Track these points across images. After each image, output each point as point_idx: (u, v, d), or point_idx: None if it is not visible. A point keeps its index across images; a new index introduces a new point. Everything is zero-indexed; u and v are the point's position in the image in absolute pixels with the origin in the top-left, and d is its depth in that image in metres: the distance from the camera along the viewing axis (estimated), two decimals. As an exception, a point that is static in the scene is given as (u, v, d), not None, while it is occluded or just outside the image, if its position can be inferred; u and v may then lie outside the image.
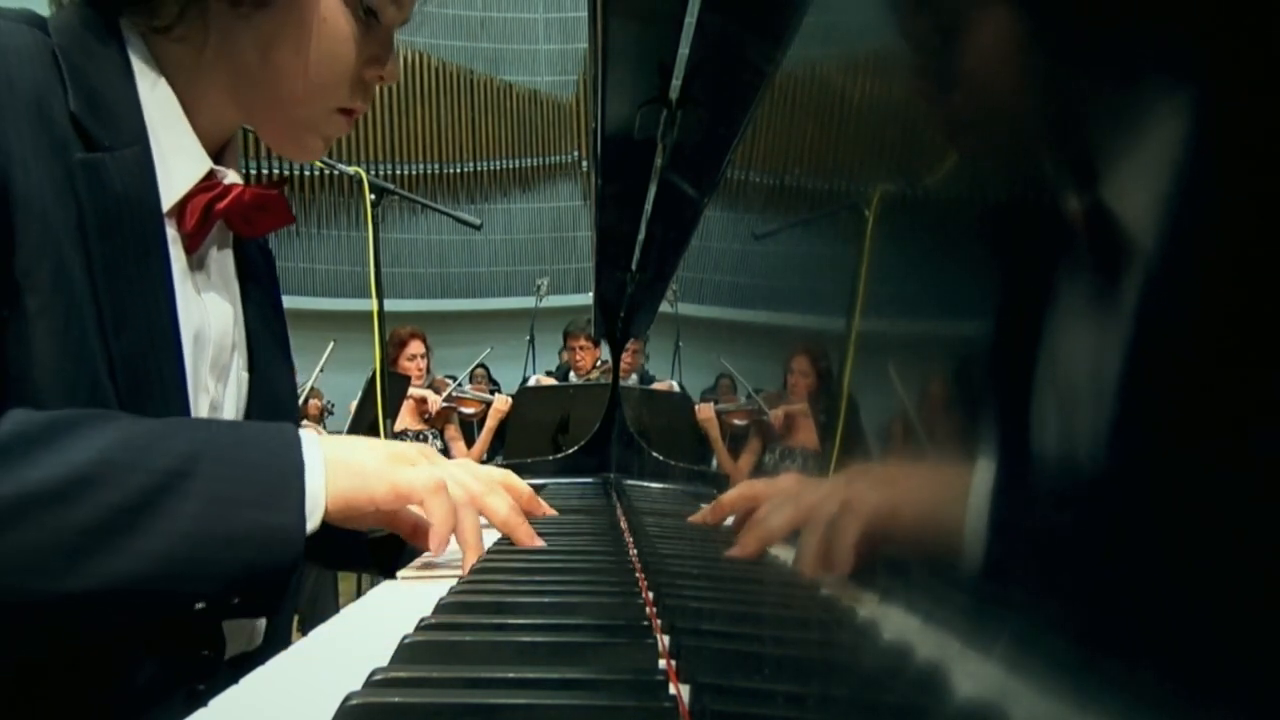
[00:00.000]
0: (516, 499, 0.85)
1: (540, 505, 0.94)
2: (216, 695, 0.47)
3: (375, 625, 0.63)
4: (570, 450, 2.03)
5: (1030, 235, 0.19)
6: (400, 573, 0.82)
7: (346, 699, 0.41)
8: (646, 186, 1.06)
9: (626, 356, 1.94)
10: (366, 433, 2.99)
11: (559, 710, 0.42)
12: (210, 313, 0.73)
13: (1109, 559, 0.15)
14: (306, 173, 8.70)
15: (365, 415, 3.01)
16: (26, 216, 0.58)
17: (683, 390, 1.03)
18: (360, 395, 3.17)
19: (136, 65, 0.68)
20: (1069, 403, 0.17)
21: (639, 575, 0.76)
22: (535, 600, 0.65)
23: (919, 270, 0.27)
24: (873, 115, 0.33)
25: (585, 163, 9.41)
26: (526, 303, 6.28)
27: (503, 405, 3.84)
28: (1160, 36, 0.15)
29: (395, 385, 2.96)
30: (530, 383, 4.30)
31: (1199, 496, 0.13)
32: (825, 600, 0.31)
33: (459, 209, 5.66)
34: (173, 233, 0.69)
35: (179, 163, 0.69)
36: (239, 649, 0.75)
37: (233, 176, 0.74)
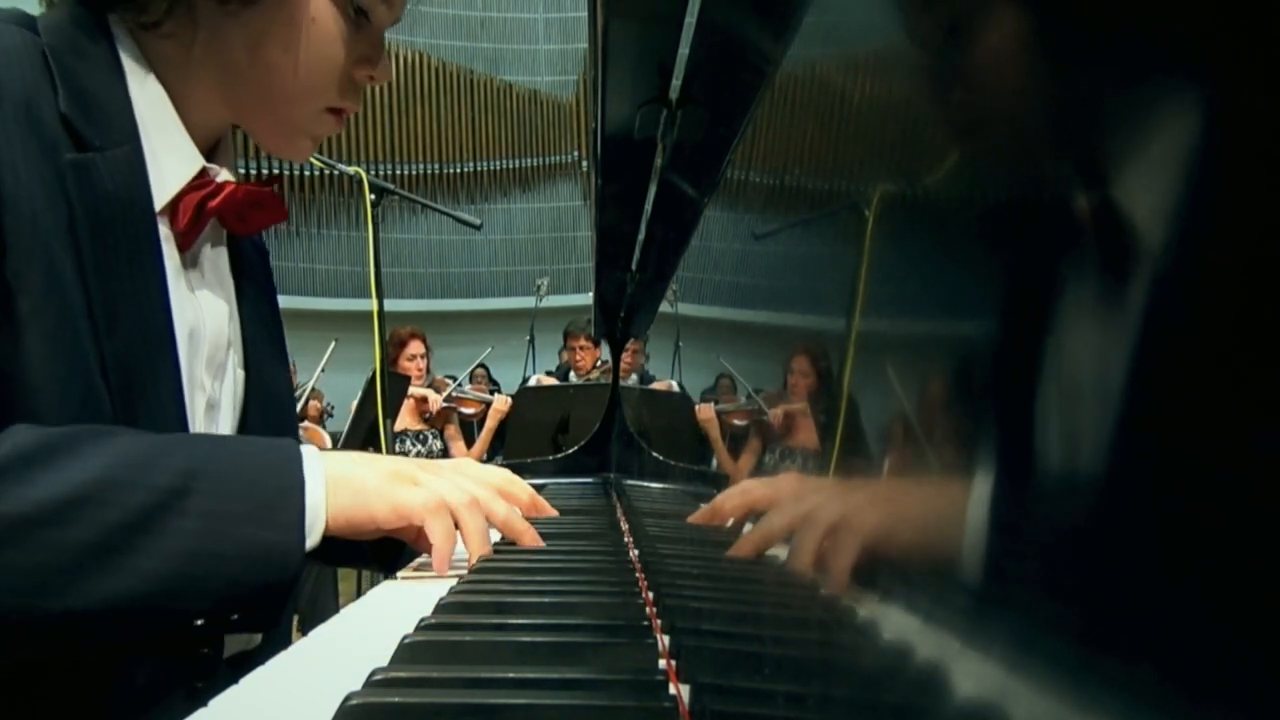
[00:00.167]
0: (519, 501, 0.85)
1: (544, 506, 0.94)
2: (216, 695, 0.47)
3: (375, 625, 0.63)
4: (570, 450, 2.03)
5: (1030, 235, 0.19)
6: (400, 573, 0.82)
7: (346, 699, 0.41)
8: (646, 186, 1.05)
9: (626, 356, 1.94)
10: (367, 433, 3.00)
11: (559, 710, 0.42)
12: (205, 310, 0.72)
13: (1109, 559, 0.15)
14: (306, 173, 8.70)
15: (365, 415, 3.01)
16: (16, 219, 0.58)
17: (683, 390, 1.03)
18: (360, 395, 3.17)
19: (127, 63, 0.68)
20: (1069, 403, 0.17)
21: (639, 575, 0.76)
22: (535, 600, 0.65)
23: (919, 270, 0.27)
24: (873, 115, 0.33)
25: (585, 163, 9.41)
26: (526, 303, 6.28)
27: (502, 405, 3.84)
28: (1160, 35, 0.15)
29: (395, 385, 2.95)
30: (531, 382, 4.30)
31: (1200, 497, 0.13)
32: (825, 600, 0.31)
33: (459, 209, 5.66)
34: (166, 231, 0.69)
35: (171, 161, 0.69)
36: (238, 648, 0.75)
37: (225, 174, 0.74)
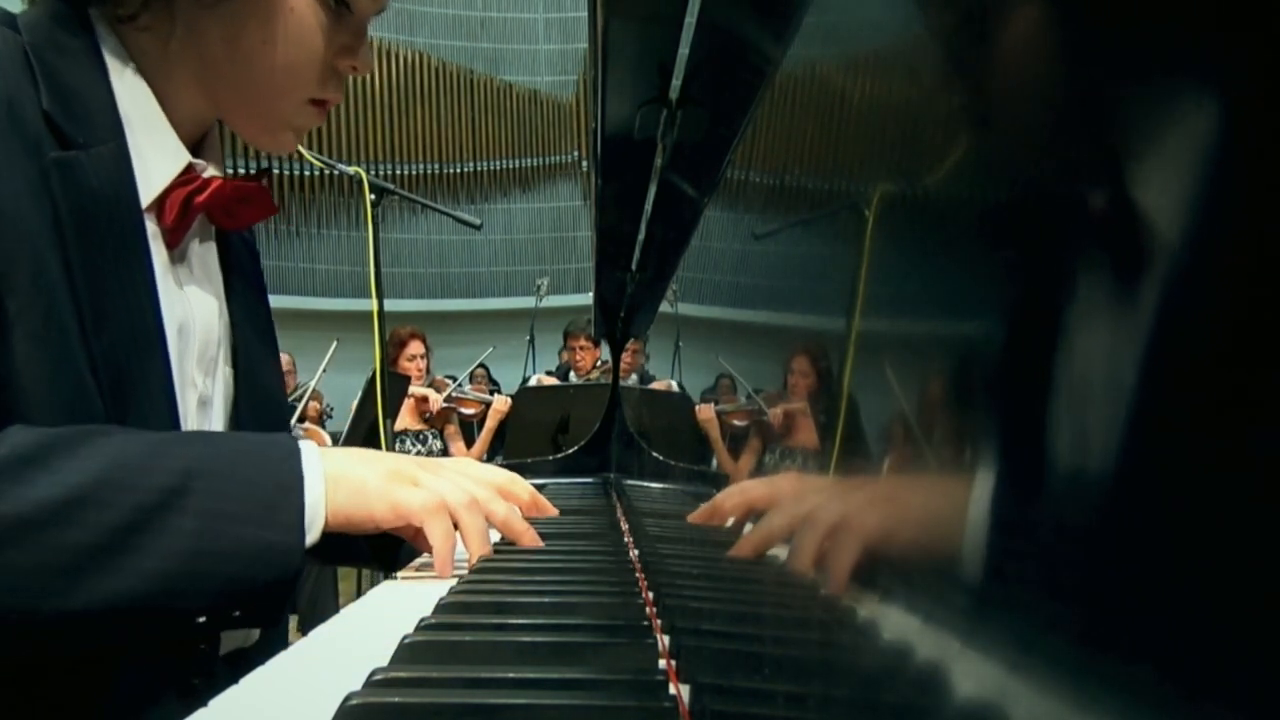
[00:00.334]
0: (520, 500, 0.85)
1: (545, 505, 0.94)
2: (216, 695, 0.47)
3: (375, 625, 0.63)
4: (570, 450, 2.03)
5: (1030, 235, 0.19)
6: (400, 573, 0.82)
7: (346, 699, 0.41)
8: (646, 186, 1.05)
9: (626, 356, 1.94)
10: (367, 432, 2.99)
11: (559, 710, 0.42)
12: (194, 307, 0.72)
13: (1109, 559, 0.15)
14: (306, 173, 8.70)
15: (365, 415, 3.01)
16: (0, 220, 0.58)
17: (683, 390, 1.03)
18: (360, 395, 3.17)
19: (110, 60, 0.67)
20: (1069, 403, 0.17)
21: (639, 575, 0.76)
22: (535, 600, 0.65)
23: (919, 270, 0.27)
24: (873, 115, 0.33)
25: (585, 163, 9.41)
26: (526, 303, 6.28)
27: (502, 406, 3.84)
28: (1159, 34, 0.15)
29: (395, 385, 2.95)
30: (531, 382, 4.30)
31: (1200, 497, 0.13)
32: (825, 600, 0.31)
33: (459, 209, 5.66)
34: (153, 228, 0.68)
35: (156, 157, 0.69)
36: (234, 645, 0.75)
37: (212, 170, 0.73)
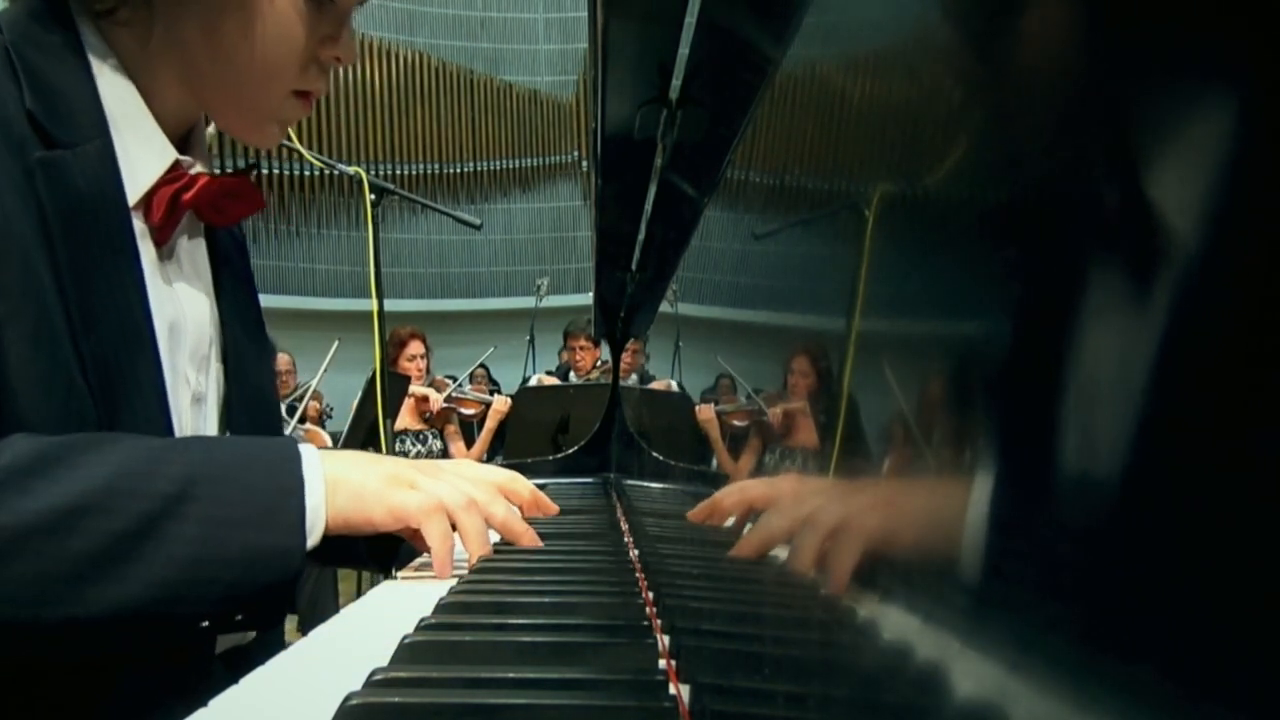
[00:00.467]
0: (520, 499, 0.85)
1: (546, 504, 0.94)
2: (216, 695, 0.47)
3: (375, 625, 0.63)
4: (570, 450, 2.03)
5: (1031, 236, 0.19)
6: (400, 573, 0.82)
7: (346, 699, 0.41)
8: (646, 186, 1.05)
9: (626, 356, 1.94)
10: (367, 432, 3.00)
11: (559, 710, 0.42)
12: (185, 304, 0.72)
13: (1109, 560, 0.15)
14: (306, 173, 8.69)
15: (365, 415, 3.01)
16: None
17: (682, 390, 1.03)
18: (360, 395, 3.17)
19: (93, 57, 0.66)
20: (1069, 403, 0.17)
21: (639, 575, 0.76)
22: (535, 600, 0.65)
23: (919, 270, 0.27)
24: (873, 115, 0.33)
25: (585, 163, 9.40)
26: (526, 303, 6.27)
27: (502, 406, 3.84)
28: (1158, 32, 0.15)
29: (395, 385, 2.95)
30: (532, 382, 4.30)
31: (1200, 497, 0.13)
32: (825, 600, 0.31)
33: (459, 209, 5.66)
34: (141, 226, 0.68)
35: (142, 155, 0.68)
36: (231, 644, 0.75)
37: (199, 166, 0.73)
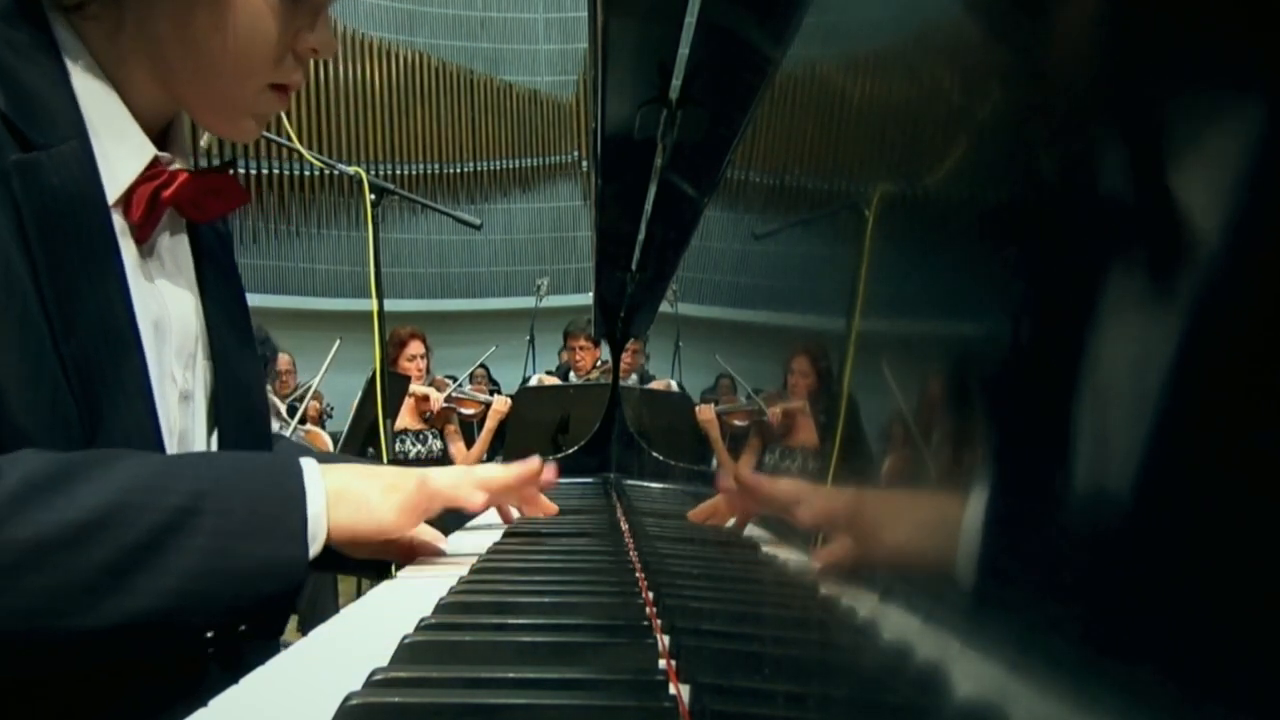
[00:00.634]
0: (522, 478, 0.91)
1: (545, 505, 0.96)
2: (216, 695, 0.47)
3: (375, 625, 0.63)
4: (570, 450, 2.03)
5: (1031, 236, 0.19)
6: (402, 571, 0.83)
7: (346, 699, 0.41)
8: (646, 186, 1.05)
9: (626, 356, 1.94)
10: (367, 432, 3.00)
11: (559, 710, 0.42)
12: (168, 301, 0.71)
13: (1109, 560, 0.15)
14: (306, 173, 8.69)
15: (365, 415, 3.01)
16: None
17: (682, 390, 1.03)
18: (360, 395, 3.17)
19: (68, 55, 0.65)
20: (1069, 403, 0.17)
21: (639, 575, 0.76)
22: (535, 600, 0.65)
23: (919, 270, 0.27)
24: (873, 115, 0.33)
25: (585, 163, 9.40)
26: (526, 303, 6.27)
27: (502, 406, 3.84)
28: (1158, 32, 0.15)
29: (395, 385, 2.95)
30: (533, 382, 4.30)
31: (1199, 497, 0.13)
32: (825, 600, 0.31)
33: (459, 209, 5.65)
34: (121, 223, 0.67)
35: (120, 153, 0.67)
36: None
37: (179, 163, 0.72)
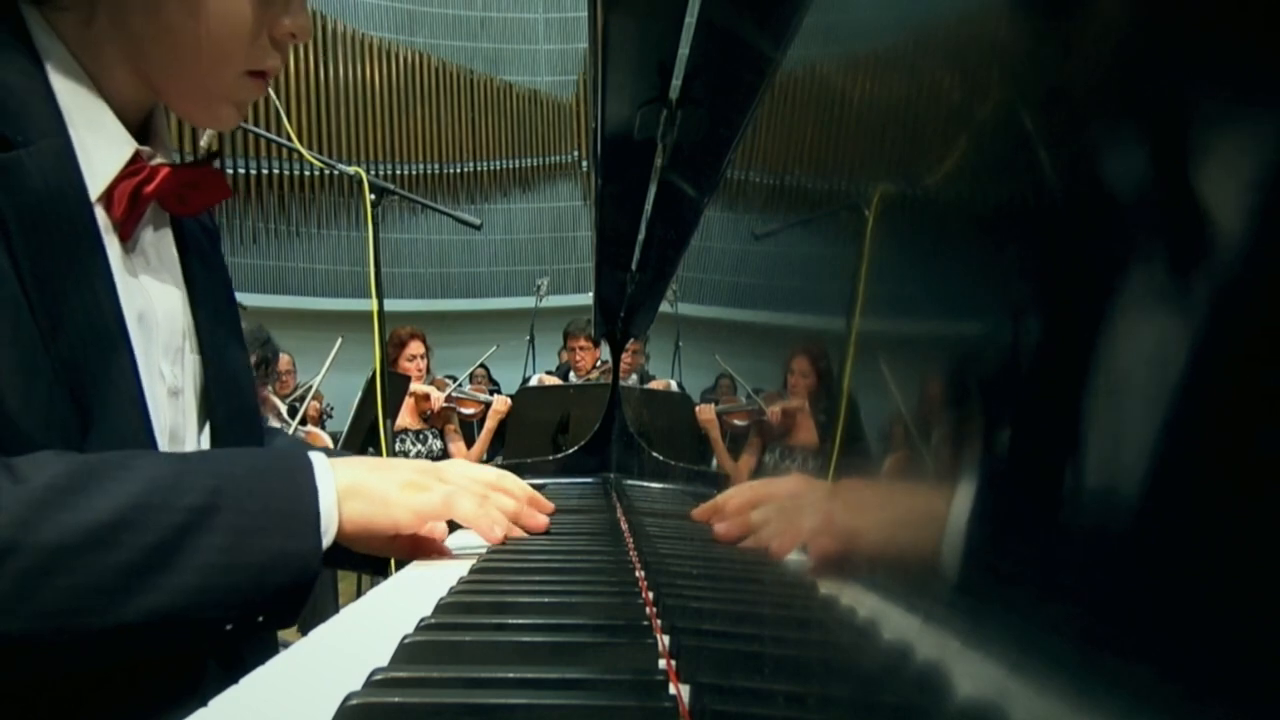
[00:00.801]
0: (517, 498, 0.90)
1: (542, 503, 0.96)
2: (216, 695, 0.47)
3: (375, 625, 0.63)
4: (570, 450, 2.03)
5: (1031, 236, 0.19)
6: (408, 567, 0.84)
7: (346, 699, 0.41)
8: (646, 186, 1.05)
9: (626, 356, 1.94)
10: (367, 432, 3.00)
11: (559, 710, 0.42)
12: (154, 297, 0.70)
13: (1108, 560, 0.15)
14: (306, 173, 8.69)
15: (365, 415, 3.01)
16: None
17: (682, 390, 1.03)
18: (360, 395, 3.17)
19: (44, 50, 0.65)
20: (1070, 403, 0.17)
21: (639, 575, 0.76)
22: (535, 600, 0.65)
23: (919, 270, 0.27)
24: (873, 115, 0.33)
25: (585, 163, 9.40)
26: (526, 303, 6.28)
27: (501, 406, 3.84)
28: (1158, 34, 0.15)
29: (395, 385, 2.95)
30: (533, 382, 4.30)
31: (1200, 498, 0.13)
32: (825, 600, 0.31)
33: (459, 209, 5.65)
34: (105, 219, 0.66)
35: (101, 148, 0.66)
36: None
37: (160, 157, 0.71)
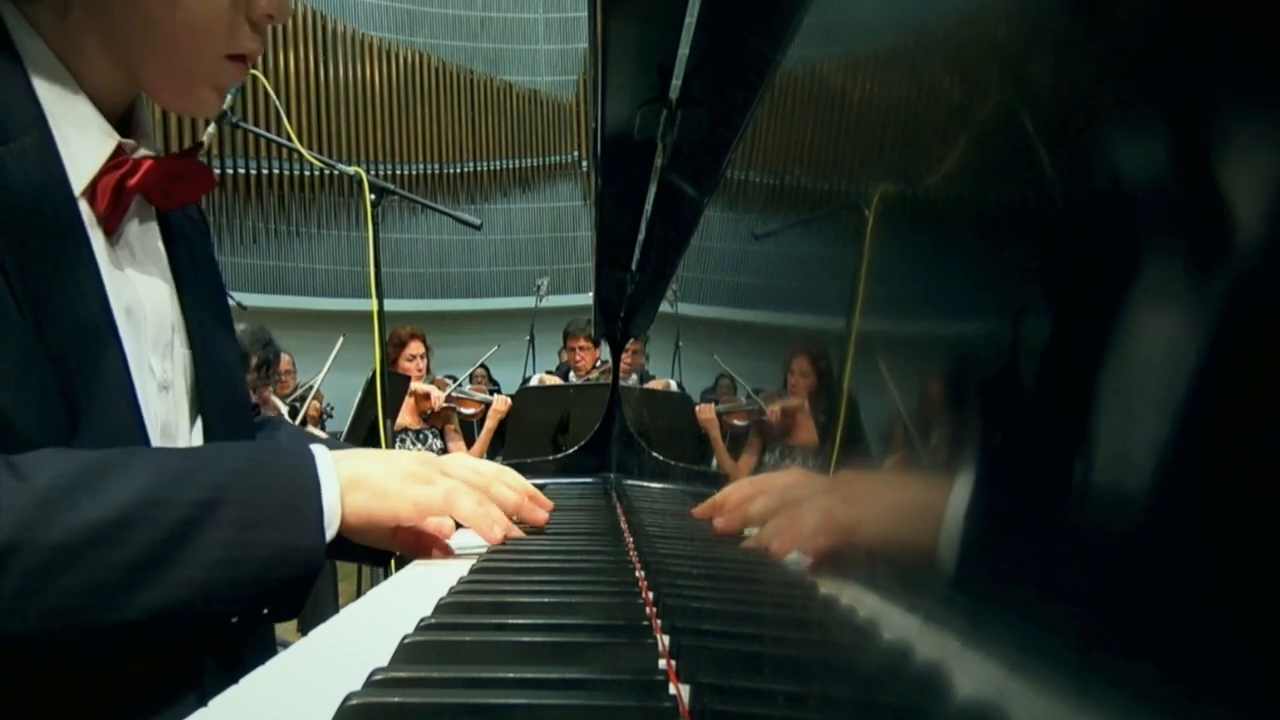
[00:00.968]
0: (517, 494, 0.91)
1: (542, 500, 0.96)
2: (216, 695, 0.47)
3: (375, 625, 0.63)
4: (570, 450, 2.03)
5: (1030, 236, 0.19)
6: (408, 566, 0.84)
7: (346, 699, 0.41)
8: (646, 186, 1.05)
9: (626, 356, 1.94)
10: (367, 432, 3.00)
11: (559, 710, 0.42)
12: (140, 291, 0.70)
13: (1108, 559, 0.15)
14: (306, 173, 8.69)
15: (365, 415, 3.01)
16: None
17: (682, 390, 1.03)
18: (360, 395, 3.17)
19: (21, 45, 0.64)
20: (1070, 403, 0.17)
21: (639, 575, 0.76)
22: (535, 600, 0.65)
23: (919, 270, 0.27)
24: (873, 115, 0.33)
25: (585, 163, 9.40)
26: (526, 303, 6.28)
27: (501, 406, 3.84)
28: (1158, 34, 0.15)
29: (395, 385, 2.96)
30: (534, 382, 4.30)
31: (1200, 497, 0.13)
32: (825, 600, 0.31)
33: (459, 209, 5.65)
34: (90, 214, 0.66)
35: (83, 142, 0.66)
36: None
37: (143, 149, 0.71)
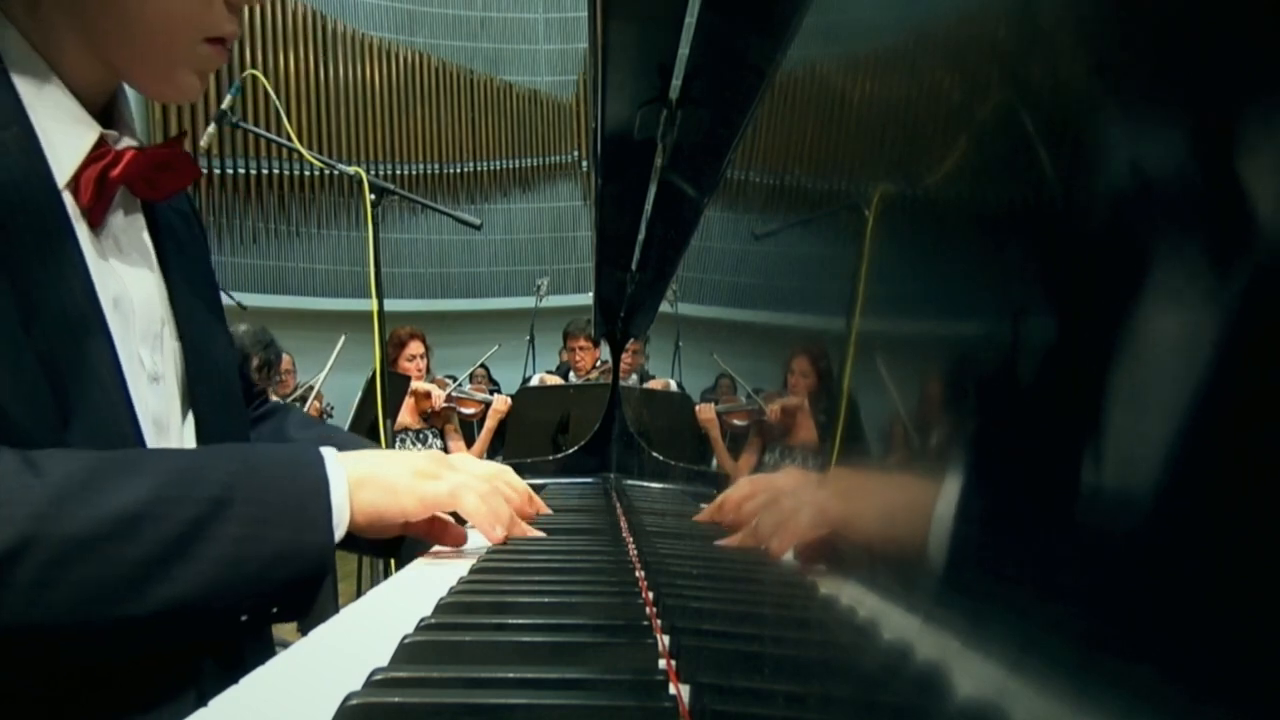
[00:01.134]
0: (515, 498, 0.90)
1: (538, 504, 0.96)
2: (216, 695, 0.47)
3: (375, 625, 0.63)
4: (570, 450, 2.03)
5: (1030, 236, 0.19)
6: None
7: (346, 699, 0.42)
8: (646, 186, 1.05)
9: (626, 357, 1.94)
10: (366, 433, 2.99)
11: (559, 710, 0.42)
12: (127, 283, 0.69)
13: (1108, 559, 0.15)
14: (306, 173, 8.69)
15: (365, 415, 3.01)
16: None
17: (682, 390, 1.03)
18: (360, 395, 3.17)
19: None
20: (1069, 403, 0.17)
21: (639, 575, 0.76)
22: (535, 600, 0.65)
23: (919, 270, 0.27)
24: (873, 115, 0.33)
25: (585, 163, 9.40)
26: (526, 303, 6.28)
27: (502, 406, 3.84)
28: (1158, 35, 0.15)
29: (395, 385, 2.96)
30: (534, 382, 4.30)
31: (1200, 497, 0.13)
32: (825, 600, 0.31)
33: (459, 209, 5.64)
34: (74, 206, 0.65)
35: (64, 134, 0.65)
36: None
37: (126, 140, 0.70)
